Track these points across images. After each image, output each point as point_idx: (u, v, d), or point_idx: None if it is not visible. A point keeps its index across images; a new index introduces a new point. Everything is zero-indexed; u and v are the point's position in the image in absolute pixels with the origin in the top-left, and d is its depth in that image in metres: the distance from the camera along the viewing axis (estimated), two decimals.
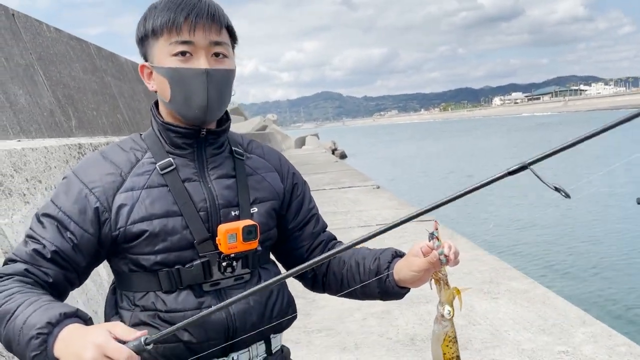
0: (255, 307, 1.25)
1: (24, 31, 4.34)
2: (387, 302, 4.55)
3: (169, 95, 1.23)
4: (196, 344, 1.19)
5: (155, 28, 1.21)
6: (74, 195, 1.20)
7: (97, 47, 6.27)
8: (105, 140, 4.62)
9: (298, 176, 1.46)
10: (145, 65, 1.27)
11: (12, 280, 1.14)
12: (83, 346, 0.97)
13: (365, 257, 1.37)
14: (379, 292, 1.34)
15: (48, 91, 4.38)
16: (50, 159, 3.19)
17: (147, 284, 1.21)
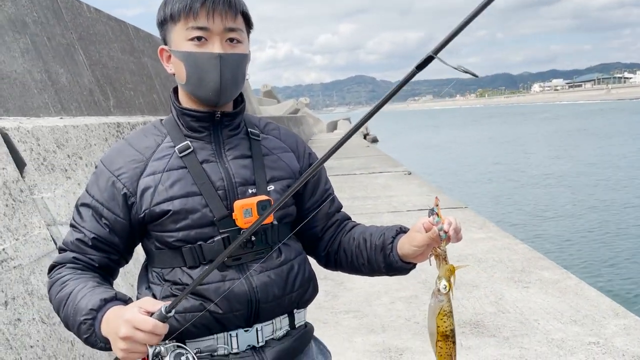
0: (277, 281, 1.30)
1: (65, 11, 4.45)
2: (415, 287, 4.58)
3: (184, 78, 1.28)
4: (222, 314, 1.25)
5: (173, 13, 1.26)
6: (104, 183, 1.29)
7: (135, 27, 6.38)
8: (143, 120, 4.72)
9: (314, 156, 1.50)
10: (164, 48, 1.33)
11: (65, 268, 1.28)
12: (118, 324, 1.09)
13: (372, 234, 1.40)
14: (384, 266, 1.37)
15: (88, 70, 4.49)
16: (91, 136, 3.29)
17: (172, 260, 1.28)
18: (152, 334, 1.07)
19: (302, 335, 1.39)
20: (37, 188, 2.47)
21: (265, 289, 1.28)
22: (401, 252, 1.32)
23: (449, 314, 1.21)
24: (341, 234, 1.47)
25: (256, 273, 1.28)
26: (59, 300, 1.23)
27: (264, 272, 1.29)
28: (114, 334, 1.10)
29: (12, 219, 2.18)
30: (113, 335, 1.10)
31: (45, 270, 2.27)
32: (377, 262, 1.37)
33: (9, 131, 2.43)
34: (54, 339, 2.16)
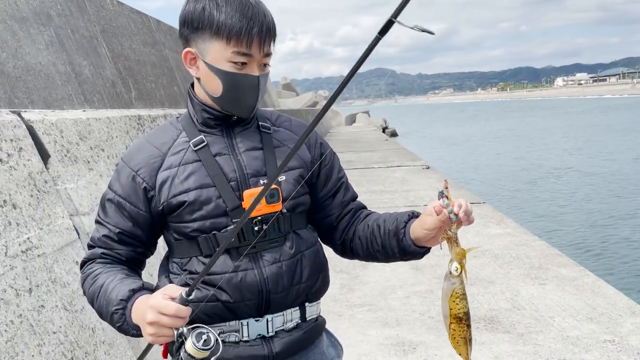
0: (286, 271, 1.34)
1: (89, 4, 4.53)
2: (430, 281, 4.60)
3: (219, 93, 1.33)
4: (233, 303, 1.30)
5: (219, 28, 1.27)
6: (125, 179, 1.35)
7: (156, 20, 6.45)
8: (163, 113, 4.78)
9: (326, 146, 1.54)
10: (191, 52, 1.34)
11: (95, 263, 1.36)
12: (144, 310, 1.16)
13: (385, 220, 1.43)
14: (398, 251, 1.39)
15: (110, 63, 4.56)
16: (112, 129, 3.36)
17: (190, 250, 1.34)
18: (176, 317, 1.12)
19: (312, 329, 1.42)
20: (60, 179, 2.53)
21: (276, 279, 1.33)
22: (413, 235, 1.35)
23: (461, 296, 1.22)
24: (356, 222, 1.49)
25: (268, 263, 1.32)
26: (92, 293, 1.31)
27: (276, 262, 1.33)
28: (142, 320, 1.17)
29: (37, 209, 2.25)
30: (141, 322, 1.17)
31: (68, 259, 2.34)
32: (391, 247, 1.40)
33: (34, 123, 2.50)
34: (76, 326, 2.23)
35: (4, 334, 1.83)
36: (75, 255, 2.41)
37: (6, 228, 2.02)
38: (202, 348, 1.12)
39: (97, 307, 1.31)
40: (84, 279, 1.36)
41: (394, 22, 0.91)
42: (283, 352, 1.35)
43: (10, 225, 2.05)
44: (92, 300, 1.32)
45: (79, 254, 2.45)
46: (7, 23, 3.15)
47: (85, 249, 2.53)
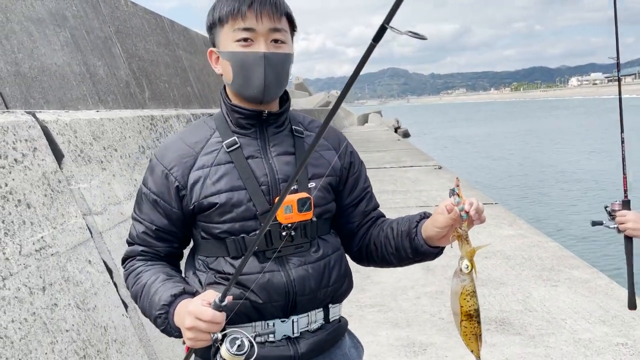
0: (313, 275, 1.36)
1: (104, 5, 4.57)
2: (441, 282, 4.58)
3: (231, 77, 1.34)
4: (261, 304, 1.32)
5: (221, 16, 1.32)
6: (158, 177, 1.37)
7: (170, 21, 6.49)
8: (176, 113, 4.82)
9: (355, 155, 1.54)
10: (212, 50, 1.39)
11: (136, 261, 1.40)
12: (183, 316, 1.20)
13: (399, 222, 1.45)
14: (411, 252, 1.40)
15: (124, 63, 4.61)
16: (125, 129, 3.40)
17: (217, 250, 1.35)
18: (212, 322, 1.15)
19: (335, 329, 1.45)
20: (74, 179, 2.57)
21: (302, 282, 1.34)
22: (425, 234, 1.35)
23: (472, 293, 1.23)
24: (372, 228, 1.51)
25: (295, 266, 1.34)
26: (135, 292, 1.36)
27: (302, 265, 1.35)
28: (181, 324, 1.21)
29: (51, 209, 2.28)
30: (182, 326, 1.22)
31: (81, 257, 2.37)
32: (404, 249, 1.41)
33: (49, 124, 2.54)
34: (88, 324, 2.26)
35: (17, 331, 1.86)
36: (88, 254, 2.44)
37: (20, 227, 2.05)
38: (236, 353, 1.15)
39: (141, 306, 1.35)
40: (126, 276, 1.40)
41: (386, 29, 0.91)
42: (308, 352, 1.37)
43: (25, 224, 2.08)
44: (136, 298, 1.36)
45: (92, 253, 2.48)
46: (24, 24, 3.20)
47: (97, 248, 2.56)
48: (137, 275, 1.36)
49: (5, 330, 1.81)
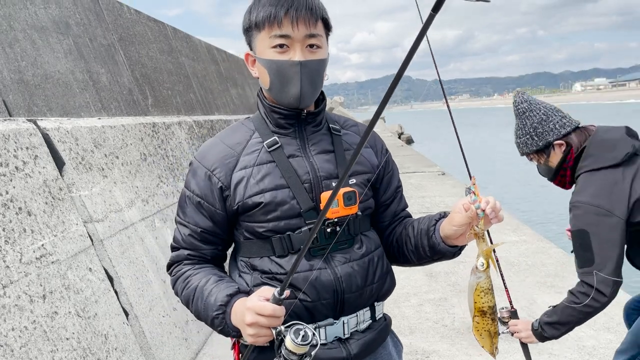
0: (359, 272, 1.37)
1: (107, 13, 4.60)
2: (445, 289, 4.56)
3: (268, 83, 1.36)
4: (310, 302, 1.33)
5: (257, 21, 1.32)
6: (201, 178, 1.37)
7: (173, 28, 6.52)
8: (178, 120, 4.83)
9: (389, 154, 1.57)
10: (249, 53, 1.40)
11: (183, 265, 1.40)
12: (243, 313, 1.19)
13: (420, 221, 1.46)
14: (429, 249, 1.41)
15: (127, 70, 4.63)
16: (127, 136, 3.40)
17: (262, 250, 1.36)
18: (273, 316, 1.15)
19: (383, 328, 1.47)
20: (75, 186, 2.57)
21: (349, 279, 1.35)
22: (443, 233, 1.36)
23: (486, 290, 1.25)
24: (397, 227, 1.53)
25: (340, 263, 1.35)
26: (186, 297, 1.35)
27: (347, 262, 1.36)
28: (241, 322, 1.20)
29: (51, 216, 2.28)
30: (241, 324, 1.20)
31: (82, 265, 2.37)
32: (422, 247, 1.42)
33: (50, 131, 2.54)
34: (89, 332, 2.25)
35: (18, 339, 1.86)
36: (89, 262, 2.44)
37: (21, 235, 2.05)
38: (302, 343, 1.14)
39: (194, 310, 1.34)
40: (174, 281, 1.40)
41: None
42: (359, 353, 1.38)
43: (25, 232, 2.09)
44: (187, 303, 1.35)
45: (93, 260, 2.48)
46: (27, 32, 3.22)
47: (98, 255, 2.56)
48: (187, 280, 1.36)
49: (5, 338, 1.81)
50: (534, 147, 2.23)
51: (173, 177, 4.16)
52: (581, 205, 2.05)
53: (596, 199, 2.02)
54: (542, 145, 2.21)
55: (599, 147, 2.10)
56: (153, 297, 3.05)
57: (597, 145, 2.11)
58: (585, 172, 2.10)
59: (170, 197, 3.91)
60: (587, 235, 2.03)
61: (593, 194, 2.03)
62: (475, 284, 1.24)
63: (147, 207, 3.40)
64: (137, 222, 3.18)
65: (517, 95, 2.35)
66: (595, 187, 2.05)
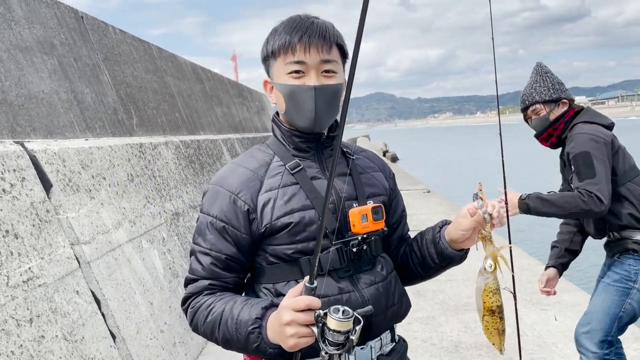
0: (383, 293, 1.38)
1: (92, 33, 4.60)
2: (433, 308, 4.56)
3: (284, 108, 1.39)
4: None
5: (274, 50, 1.37)
6: (224, 202, 1.34)
7: (158, 48, 6.53)
8: (164, 140, 4.82)
9: (395, 179, 1.63)
10: (267, 81, 1.44)
11: (203, 296, 1.34)
12: (280, 316, 1.16)
13: (423, 233, 1.50)
14: (437, 257, 1.43)
15: (112, 90, 4.62)
16: (114, 157, 3.38)
17: (289, 273, 1.34)
18: (310, 309, 1.13)
19: (403, 351, 1.48)
20: (62, 208, 2.54)
21: (376, 301, 1.35)
22: (449, 238, 1.40)
23: (494, 290, 1.30)
24: (401, 249, 1.55)
25: (366, 285, 1.35)
26: (211, 324, 1.28)
27: (373, 285, 1.36)
28: (279, 331, 1.16)
29: (38, 239, 2.25)
30: (278, 329, 1.16)
31: (69, 288, 2.34)
32: (429, 256, 1.44)
33: (37, 153, 2.52)
34: (76, 356, 2.21)
35: None
36: (76, 284, 2.41)
37: (8, 258, 2.02)
38: (344, 319, 1.11)
39: (222, 335, 1.27)
40: (194, 313, 1.32)
41: None
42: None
43: (12, 255, 2.06)
44: (213, 330, 1.28)
45: (80, 283, 2.44)
46: (11, 52, 3.20)
47: (85, 278, 2.52)
48: (210, 307, 1.29)
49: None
50: (547, 97, 2.65)
51: (160, 197, 4.13)
52: (583, 134, 2.47)
53: (595, 132, 2.47)
54: (555, 98, 2.65)
55: (593, 113, 2.65)
56: (140, 319, 3.01)
57: (591, 112, 2.67)
58: (581, 122, 2.56)
59: (157, 218, 3.88)
60: (589, 156, 2.41)
61: (591, 130, 2.48)
62: (484, 285, 1.29)
63: (134, 229, 3.37)
64: (124, 244, 3.15)
65: (540, 63, 2.82)
66: (591, 128, 2.50)
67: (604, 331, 2.59)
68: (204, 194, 1.40)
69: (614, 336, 2.61)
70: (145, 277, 3.22)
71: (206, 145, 6.31)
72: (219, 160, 6.62)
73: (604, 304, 2.62)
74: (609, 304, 2.59)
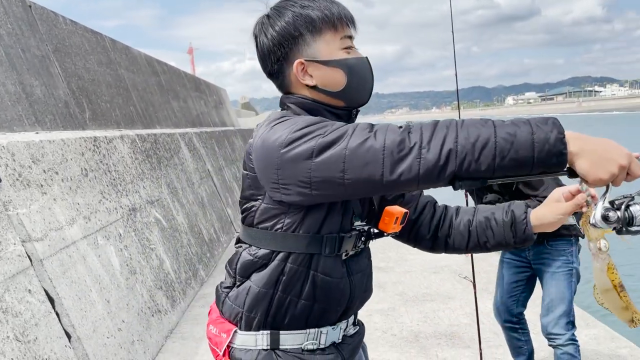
0: (364, 281, 1.40)
1: (41, 23, 4.42)
2: (393, 299, 4.62)
3: (342, 85, 1.32)
4: (327, 309, 1.33)
5: (324, 22, 1.30)
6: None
7: (111, 39, 6.34)
8: (120, 134, 4.69)
9: None
10: (301, 62, 1.30)
11: None
12: (615, 148, 1.05)
13: (494, 212, 1.46)
14: (514, 240, 1.42)
15: (63, 83, 4.45)
16: (67, 151, 3.27)
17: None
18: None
19: (363, 332, 1.50)
20: (12, 204, 2.44)
21: (359, 288, 1.38)
22: (541, 222, 1.39)
23: (615, 267, 1.30)
24: (448, 218, 1.51)
25: (354, 272, 1.36)
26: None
27: (359, 272, 1.37)
28: (605, 153, 1.04)
29: None
30: (602, 154, 1.04)
31: (20, 287, 2.25)
32: (505, 237, 1.42)
33: None
34: (29, 357, 2.13)
35: None
36: (28, 283, 2.32)
37: None
38: None
39: (500, 135, 1.06)
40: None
41: None
42: (350, 358, 1.40)
43: None
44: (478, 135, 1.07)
45: (32, 281, 2.35)
46: None
47: (37, 276, 2.43)
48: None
49: None
50: None
51: (116, 192, 4.02)
52: None
53: None
54: None
55: None
56: (97, 317, 2.93)
57: None
58: None
59: (113, 214, 3.78)
60: None
61: None
62: (606, 264, 1.28)
63: (89, 225, 3.26)
64: (78, 240, 3.05)
65: None
66: None
67: (566, 314, 2.76)
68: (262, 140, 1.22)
69: (574, 316, 2.78)
70: (101, 274, 3.12)
71: (163, 139, 6.19)
72: (177, 155, 6.50)
73: (558, 290, 2.77)
74: (562, 289, 2.75)
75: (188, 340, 4.08)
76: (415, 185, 1.08)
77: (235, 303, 1.31)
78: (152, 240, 4.43)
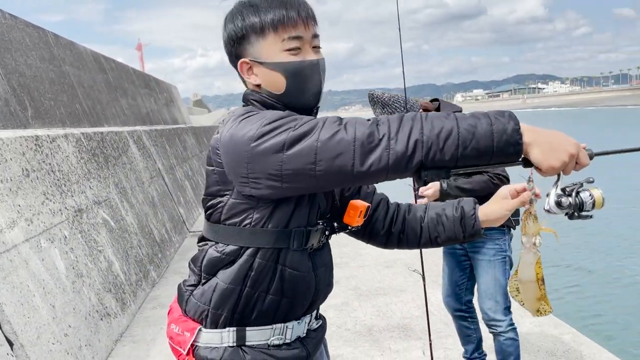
0: (327, 275, 1.42)
1: None
2: (346, 294, 4.67)
3: (283, 88, 1.30)
4: (293, 304, 1.33)
5: (263, 26, 1.27)
6: None
7: (55, 35, 6.12)
8: (64, 132, 4.54)
9: None
10: (245, 61, 1.31)
11: None
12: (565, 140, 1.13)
13: (444, 208, 1.50)
14: (464, 235, 1.46)
15: (3, 80, 4.27)
16: (6, 151, 3.14)
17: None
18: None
19: (326, 326, 1.52)
20: None
21: (322, 282, 1.39)
22: (487, 218, 1.44)
23: (541, 262, 1.37)
24: (401, 215, 1.54)
25: (318, 267, 1.37)
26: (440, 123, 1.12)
27: (322, 267, 1.38)
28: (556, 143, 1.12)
29: None
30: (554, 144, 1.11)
31: None
32: (455, 232, 1.46)
33: None
34: None
35: None
36: None
37: None
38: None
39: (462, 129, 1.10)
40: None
41: None
42: (314, 351, 1.42)
43: None
44: (440, 129, 1.10)
45: None
46: None
47: None
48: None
49: None
50: None
51: (60, 193, 3.88)
52: None
53: None
54: None
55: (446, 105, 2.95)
56: (41, 323, 2.82)
57: (444, 104, 2.96)
58: None
59: (57, 216, 3.65)
60: None
61: None
62: (537, 258, 1.34)
63: (31, 227, 3.14)
64: (20, 244, 2.93)
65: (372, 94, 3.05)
66: None
67: (503, 300, 2.87)
68: (227, 137, 1.22)
69: (510, 302, 2.88)
70: (45, 278, 3.02)
71: (111, 138, 6.02)
72: (125, 154, 6.34)
73: (494, 277, 2.88)
74: (498, 276, 2.87)
75: (139, 343, 4.00)
76: (384, 175, 1.12)
77: (201, 301, 1.30)
78: (99, 241, 4.31)
